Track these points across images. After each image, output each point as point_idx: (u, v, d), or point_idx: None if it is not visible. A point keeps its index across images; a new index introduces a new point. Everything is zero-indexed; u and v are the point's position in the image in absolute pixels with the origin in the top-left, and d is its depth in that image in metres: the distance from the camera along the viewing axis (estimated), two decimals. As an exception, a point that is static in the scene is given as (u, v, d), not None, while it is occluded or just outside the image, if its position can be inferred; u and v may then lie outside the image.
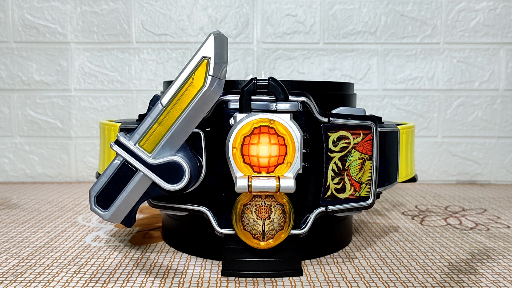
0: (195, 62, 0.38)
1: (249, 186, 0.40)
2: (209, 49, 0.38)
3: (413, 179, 0.58)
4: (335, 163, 0.44)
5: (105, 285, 0.43)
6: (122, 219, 0.40)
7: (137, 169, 0.39)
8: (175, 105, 0.39)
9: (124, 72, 0.94)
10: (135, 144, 0.39)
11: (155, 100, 0.40)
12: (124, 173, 0.39)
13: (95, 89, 0.94)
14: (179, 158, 0.39)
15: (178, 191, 0.40)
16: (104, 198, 0.39)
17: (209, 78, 0.38)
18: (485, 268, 0.47)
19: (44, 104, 0.94)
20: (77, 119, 0.94)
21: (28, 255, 0.51)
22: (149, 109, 0.40)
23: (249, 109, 0.43)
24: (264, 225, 0.42)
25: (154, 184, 0.39)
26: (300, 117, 0.44)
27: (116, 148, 0.39)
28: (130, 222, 0.40)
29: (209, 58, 0.38)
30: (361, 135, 0.44)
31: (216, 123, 0.44)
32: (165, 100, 0.39)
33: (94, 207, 0.40)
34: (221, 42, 0.39)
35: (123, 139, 0.39)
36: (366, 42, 0.94)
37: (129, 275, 0.45)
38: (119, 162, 0.39)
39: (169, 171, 0.39)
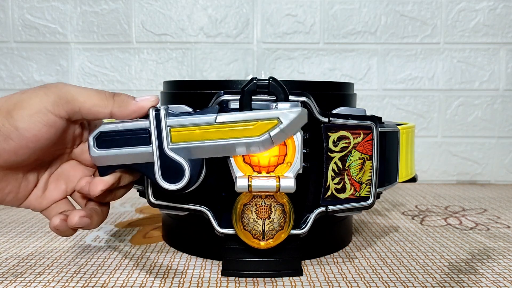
0: (270, 115, 0.39)
1: (249, 186, 0.40)
2: (288, 118, 0.39)
3: (413, 179, 0.58)
4: (335, 163, 0.44)
5: (105, 285, 0.43)
6: (102, 165, 0.39)
7: (151, 144, 0.39)
8: (224, 130, 0.39)
9: (124, 72, 0.94)
10: (167, 126, 0.39)
11: (221, 102, 0.41)
12: (139, 137, 0.39)
13: (95, 89, 0.94)
14: (181, 159, 0.39)
15: (177, 190, 0.40)
16: (106, 139, 0.39)
17: (266, 136, 0.39)
18: (485, 268, 0.47)
19: (44, 104, 0.94)
20: (77, 119, 0.94)
21: (28, 255, 0.51)
22: (213, 105, 0.40)
23: (250, 109, 0.43)
24: (264, 225, 0.42)
25: (151, 166, 0.39)
26: (300, 117, 0.44)
27: (152, 114, 0.39)
28: (105, 173, 0.39)
29: (281, 124, 0.39)
30: (361, 135, 0.44)
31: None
32: (220, 119, 0.39)
33: (91, 138, 0.39)
34: (300, 121, 0.40)
35: (162, 112, 0.39)
36: (366, 42, 0.94)
37: (129, 275, 0.45)
38: (144, 126, 0.39)
39: (171, 169, 0.39)
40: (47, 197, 0.41)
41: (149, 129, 0.39)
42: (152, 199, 0.46)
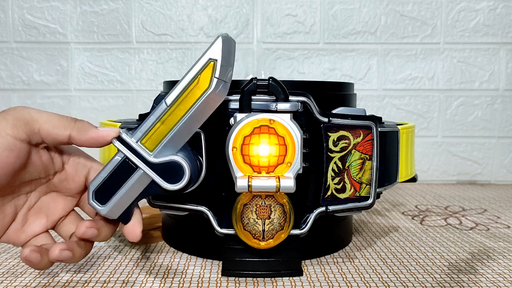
0: (201, 63, 0.38)
1: (249, 186, 0.40)
2: (216, 52, 0.38)
3: (413, 179, 0.58)
4: (335, 163, 0.44)
5: (105, 285, 0.43)
6: (119, 215, 0.40)
7: (137, 167, 0.39)
8: (179, 105, 0.39)
9: (124, 72, 0.94)
10: (137, 142, 0.39)
11: (159, 99, 0.40)
12: (124, 169, 0.39)
13: (95, 89, 0.94)
14: (179, 158, 0.39)
15: (178, 191, 0.40)
16: (103, 193, 0.39)
17: (215, 80, 0.38)
18: (485, 268, 0.47)
19: (44, 104, 0.94)
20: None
21: (28, 255, 0.51)
22: (153, 107, 0.40)
23: (249, 109, 0.43)
24: (264, 225, 0.42)
25: (153, 182, 0.39)
26: (300, 117, 0.44)
27: (118, 144, 0.39)
28: (126, 219, 0.40)
29: (216, 60, 0.38)
30: (361, 135, 0.44)
31: (216, 123, 0.44)
32: (169, 99, 0.39)
33: (92, 201, 0.39)
34: (228, 45, 0.39)
35: (125, 136, 0.39)
36: (366, 42, 0.94)
37: (129, 275, 0.45)
38: (120, 158, 0.39)
39: (169, 170, 0.39)
40: (26, 231, 0.40)
41: (126, 156, 0.39)
42: (152, 199, 0.46)
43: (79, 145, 0.38)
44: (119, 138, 0.39)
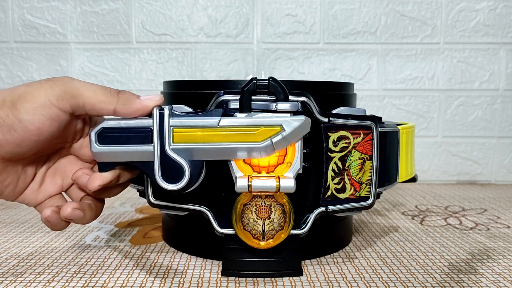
0: (273, 122, 0.39)
1: (249, 186, 0.40)
2: (291, 126, 0.39)
3: (413, 179, 0.58)
4: (335, 163, 0.44)
5: (105, 285, 0.43)
6: (103, 162, 0.39)
7: (152, 144, 0.39)
8: (226, 134, 0.39)
9: (124, 72, 0.94)
10: (170, 126, 0.39)
11: (221, 103, 0.41)
12: (141, 134, 0.39)
13: (95, 89, 0.94)
14: (182, 160, 0.39)
15: (177, 191, 0.40)
16: (107, 137, 0.39)
17: (268, 142, 0.39)
18: (485, 268, 0.47)
19: (44, 104, 0.94)
20: (77, 119, 0.94)
21: (28, 255, 0.51)
22: (214, 106, 0.40)
23: (249, 109, 0.42)
24: (264, 225, 0.42)
25: (151, 168, 0.39)
26: (300, 117, 0.44)
27: (155, 112, 0.38)
28: (105, 169, 0.39)
29: (284, 131, 0.39)
30: (361, 135, 0.44)
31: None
32: (224, 122, 0.39)
33: (93, 134, 0.39)
34: (303, 128, 0.40)
35: (166, 112, 0.39)
36: (366, 42, 0.94)
37: (129, 275, 0.45)
38: (147, 124, 0.39)
39: (171, 170, 0.39)
40: (43, 191, 0.41)
41: (152, 128, 0.39)
42: (152, 199, 0.46)
43: (123, 116, 0.39)
44: (160, 109, 0.39)
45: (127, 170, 0.41)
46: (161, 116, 0.38)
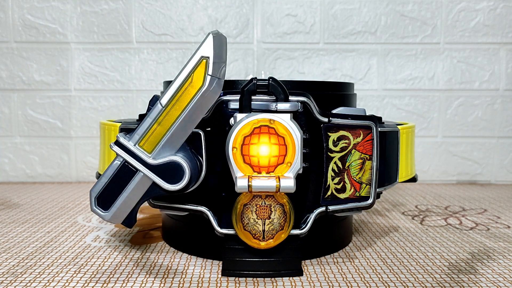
0: (194, 62, 0.38)
1: (249, 186, 0.40)
2: (207, 49, 0.38)
3: (413, 179, 0.58)
4: (335, 163, 0.44)
5: (105, 285, 0.43)
6: (123, 219, 0.40)
7: (137, 170, 0.39)
8: (175, 105, 0.39)
9: (124, 72, 0.94)
10: (135, 145, 0.39)
11: (154, 100, 0.40)
12: (124, 173, 0.39)
13: (95, 89, 0.94)
14: (179, 158, 0.39)
15: (178, 191, 0.40)
16: (105, 198, 0.39)
17: (208, 77, 0.38)
18: (485, 268, 0.47)
19: (44, 104, 0.94)
20: (77, 119, 0.94)
21: (28, 255, 0.51)
22: (149, 109, 0.40)
23: (249, 109, 0.43)
24: (264, 225, 0.42)
25: (154, 184, 0.39)
26: (300, 117, 0.44)
27: (116, 148, 0.39)
28: (130, 223, 0.40)
29: (208, 57, 0.38)
30: (361, 135, 0.44)
31: (216, 123, 0.44)
32: (164, 100, 0.39)
33: (94, 207, 0.40)
34: (219, 42, 0.39)
35: (123, 140, 0.39)
36: (366, 42, 0.94)
37: (129, 275, 0.45)
38: (119, 162, 0.39)
39: (169, 171, 0.39)
40: None
41: (125, 160, 0.39)
42: (152, 200, 0.46)
43: None
44: (117, 143, 0.39)
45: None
46: (122, 146, 0.39)
